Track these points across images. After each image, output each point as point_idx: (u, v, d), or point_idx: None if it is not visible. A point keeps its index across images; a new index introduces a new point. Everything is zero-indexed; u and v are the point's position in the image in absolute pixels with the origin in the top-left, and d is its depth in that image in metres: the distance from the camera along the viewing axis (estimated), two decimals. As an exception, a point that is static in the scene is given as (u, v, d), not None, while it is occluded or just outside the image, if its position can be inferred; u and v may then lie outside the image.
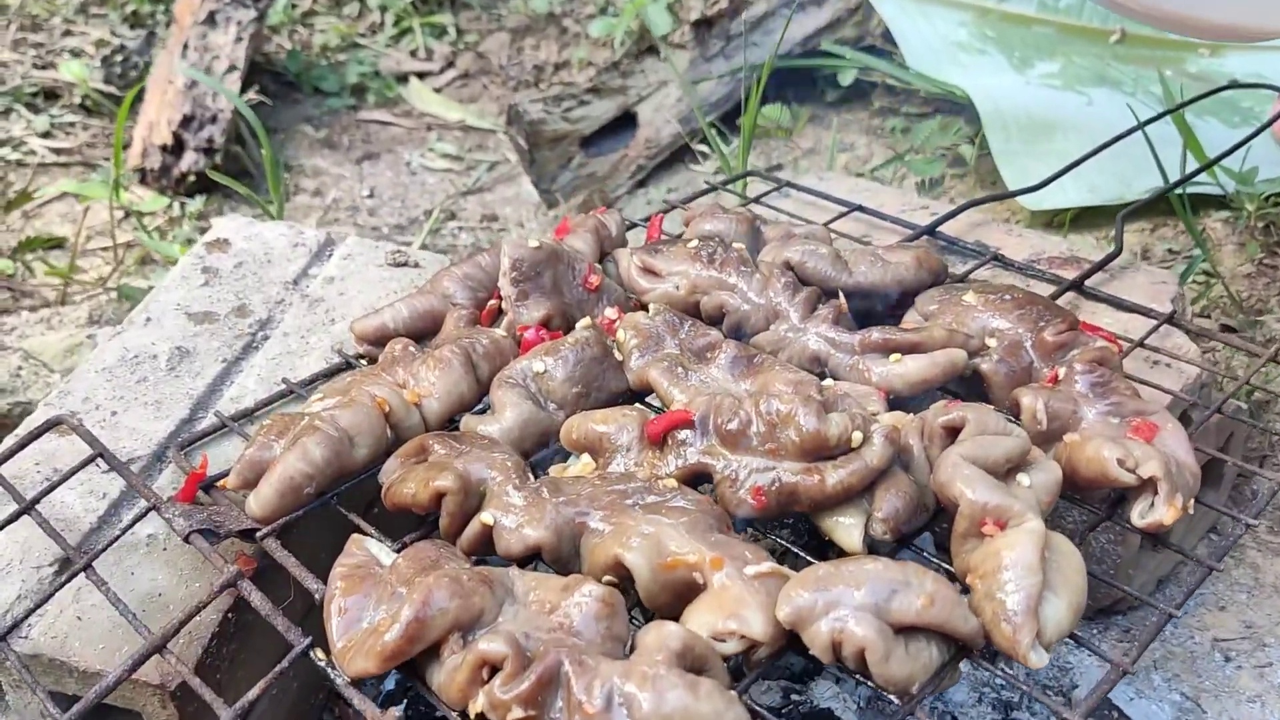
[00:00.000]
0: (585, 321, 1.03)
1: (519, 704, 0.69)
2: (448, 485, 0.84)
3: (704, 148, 2.15)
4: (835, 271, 1.10)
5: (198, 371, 1.10)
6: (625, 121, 2.15)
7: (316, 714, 1.06)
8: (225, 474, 0.90)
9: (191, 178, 2.11)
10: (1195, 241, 1.69)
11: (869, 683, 0.73)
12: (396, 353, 1.01)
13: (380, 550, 0.82)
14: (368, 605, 0.77)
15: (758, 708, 0.74)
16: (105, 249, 1.94)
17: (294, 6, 2.77)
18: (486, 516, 0.83)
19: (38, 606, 0.84)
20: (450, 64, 2.66)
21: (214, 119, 2.15)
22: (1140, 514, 0.85)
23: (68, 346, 1.56)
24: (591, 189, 2.06)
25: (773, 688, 0.91)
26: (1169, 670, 1.12)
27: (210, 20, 2.28)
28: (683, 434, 0.88)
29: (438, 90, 2.57)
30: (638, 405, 0.97)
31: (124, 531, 0.87)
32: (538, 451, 0.96)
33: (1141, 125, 1.53)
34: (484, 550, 0.84)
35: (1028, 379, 1.00)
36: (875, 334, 1.00)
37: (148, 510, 0.88)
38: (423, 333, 1.07)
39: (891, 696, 0.74)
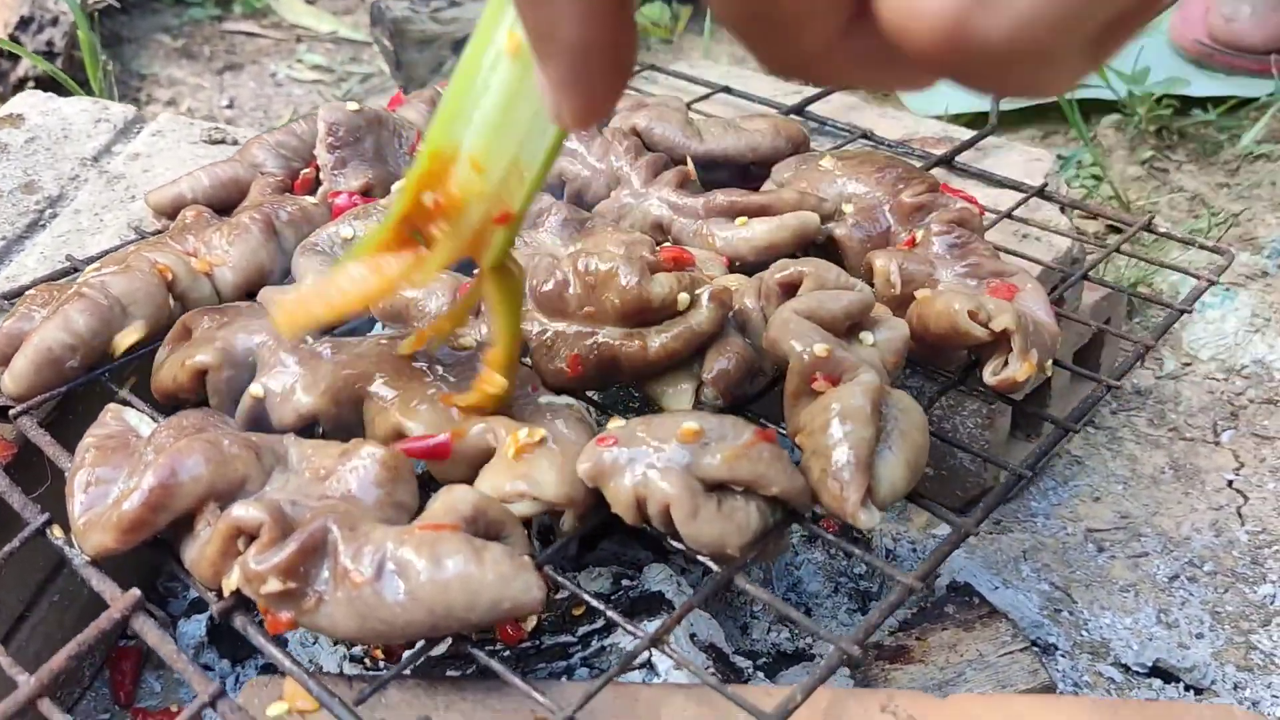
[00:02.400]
0: (401, 183, 0.93)
1: (276, 575, 0.60)
2: (208, 360, 0.73)
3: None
4: (685, 138, 1.02)
5: (-28, 250, 0.98)
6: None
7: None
8: (-19, 351, 0.80)
9: (31, 84, 1.95)
10: (1083, 141, 1.64)
11: (680, 544, 0.65)
12: (189, 220, 0.91)
13: (140, 420, 0.72)
14: (118, 478, 0.67)
15: (561, 580, 0.66)
16: (-69, 159, 1.78)
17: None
18: (255, 388, 0.73)
19: None
20: (326, -24, 2.51)
21: (55, 21, 1.99)
22: (993, 371, 0.79)
23: None
24: (466, 97, 1.95)
25: (604, 574, 0.83)
26: (1038, 560, 1.07)
27: (53, -83, 2.10)
28: (498, 296, 0.79)
29: (310, 2, 2.43)
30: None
31: None
32: (342, 325, 0.86)
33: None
34: (263, 429, 0.75)
35: (885, 244, 0.92)
36: (720, 197, 0.92)
37: (-125, 385, 0.76)
38: (226, 203, 0.96)
39: (710, 563, 0.66)
